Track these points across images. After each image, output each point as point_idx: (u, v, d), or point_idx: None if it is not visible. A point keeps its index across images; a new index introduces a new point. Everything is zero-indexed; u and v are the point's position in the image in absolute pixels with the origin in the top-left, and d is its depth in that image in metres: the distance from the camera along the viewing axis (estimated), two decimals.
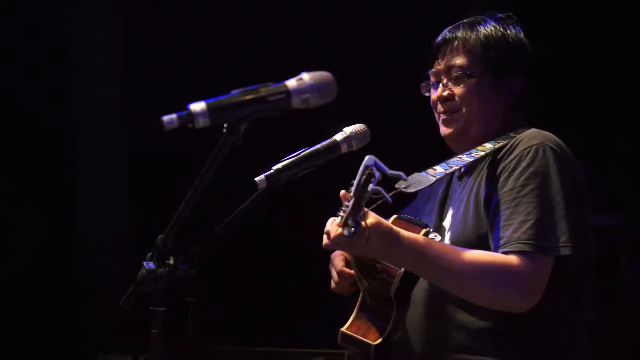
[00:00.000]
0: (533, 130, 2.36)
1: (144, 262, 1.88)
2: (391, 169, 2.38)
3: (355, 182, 2.00)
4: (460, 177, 2.48)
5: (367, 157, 2.01)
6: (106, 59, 5.35)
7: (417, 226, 2.42)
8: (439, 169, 2.36)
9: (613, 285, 5.17)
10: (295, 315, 4.96)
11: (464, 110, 2.43)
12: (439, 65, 2.47)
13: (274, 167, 2.10)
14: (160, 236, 1.89)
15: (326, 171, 2.30)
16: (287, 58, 4.27)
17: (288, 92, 1.86)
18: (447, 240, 2.41)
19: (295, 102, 1.87)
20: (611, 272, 5.15)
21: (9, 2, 5.03)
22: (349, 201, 2.03)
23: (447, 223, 2.45)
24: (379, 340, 2.31)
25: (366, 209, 2.12)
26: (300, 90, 1.87)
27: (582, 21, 5.06)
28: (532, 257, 2.19)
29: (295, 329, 4.93)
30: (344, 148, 2.21)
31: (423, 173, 2.33)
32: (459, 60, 2.43)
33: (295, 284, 4.93)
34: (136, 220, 5.29)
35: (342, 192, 2.10)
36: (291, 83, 1.87)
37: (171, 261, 1.89)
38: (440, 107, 2.48)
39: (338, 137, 2.22)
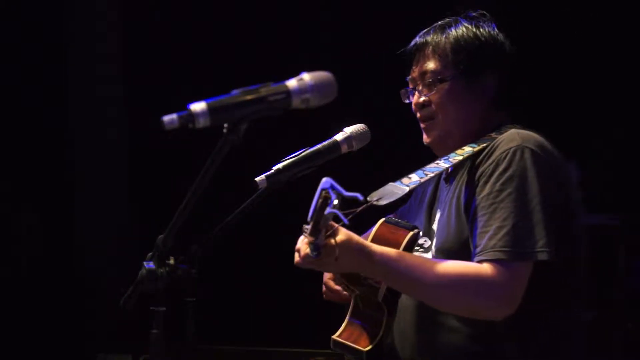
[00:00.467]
0: (512, 131, 2.32)
1: (144, 262, 1.88)
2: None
3: (312, 206, 2.01)
4: (446, 179, 2.46)
5: (323, 180, 2.02)
6: (106, 59, 5.35)
7: (404, 229, 2.42)
8: (414, 178, 2.31)
9: (611, 285, 5.17)
10: (295, 316, 4.96)
11: (440, 116, 2.40)
12: (414, 72, 2.45)
13: (275, 167, 2.10)
14: (160, 236, 1.89)
15: (326, 171, 2.31)
16: (287, 58, 4.27)
17: (288, 92, 1.86)
18: (434, 245, 2.39)
19: (296, 102, 1.87)
20: (609, 272, 5.16)
21: (9, 2, 5.03)
22: (308, 224, 2.04)
23: (435, 226, 2.43)
24: (370, 347, 2.31)
25: (336, 225, 2.12)
26: (300, 90, 1.87)
27: (578, 21, 5.06)
28: (507, 264, 2.16)
29: (295, 329, 4.94)
30: (344, 148, 2.21)
31: (397, 183, 2.28)
32: (431, 66, 2.40)
33: (294, 284, 4.93)
34: (136, 220, 5.29)
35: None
36: (291, 83, 1.87)
37: (171, 261, 1.89)
38: (418, 115, 2.46)
39: (338, 137, 2.22)
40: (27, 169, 5.12)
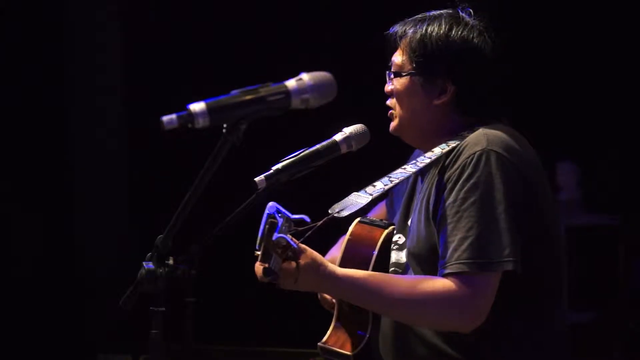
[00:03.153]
0: (479, 132, 2.24)
1: (144, 263, 1.88)
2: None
3: (259, 233, 2.03)
4: (422, 174, 2.39)
5: (268, 205, 2.02)
6: (106, 59, 5.36)
7: (379, 228, 2.41)
8: (379, 185, 2.25)
9: (612, 285, 5.17)
10: (295, 316, 4.96)
11: (397, 108, 2.37)
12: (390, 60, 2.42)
13: (274, 168, 2.09)
14: (159, 236, 1.89)
15: (326, 171, 2.31)
16: (287, 58, 4.27)
17: (288, 93, 1.86)
18: (405, 248, 2.36)
19: (295, 103, 1.87)
20: (610, 271, 5.16)
21: (9, 3, 5.03)
22: (259, 251, 2.05)
23: (410, 223, 2.39)
24: (356, 350, 2.31)
25: (299, 244, 2.10)
26: (299, 91, 1.87)
27: (579, 22, 5.07)
28: (472, 277, 2.13)
29: (295, 329, 4.93)
30: (344, 148, 2.20)
31: (361, 192, 2.23)
32: (396, 59, 2.37)
33: None
34: (136, 221, 5.29)
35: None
36: (291, 83, 1.87)
37: (171, 261, 1.89)
38: (387, 102, 2.44)
39: (337, 137, 2.20)
40: (27, 169, 5.12)
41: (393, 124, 2.40)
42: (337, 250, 2.49)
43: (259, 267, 2.14)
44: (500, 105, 2.37)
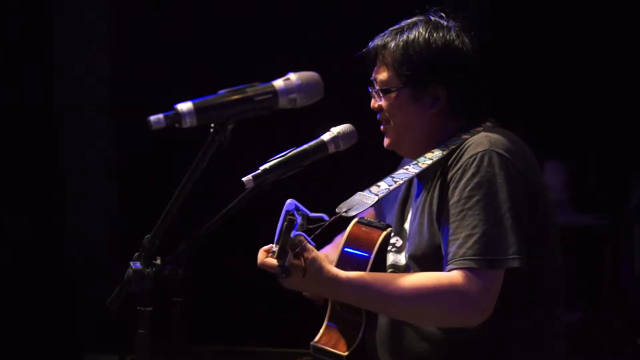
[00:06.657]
0: (482, 134, 2.26)
1: (131, 262, 1.88)
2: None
3: (278, 229, 2.03)
4: (420, 177, 2.38)
5: (287, 202, 2.03)
6: (95, 58, 5.34)
7: (377, 229, 2.41)
8: (383, 186, 2.27)
9: (598, 285, 5.19)
10: (282, 315, 4.96)
11: (391, 122, 2.37)
12: (373, 75, 2.40)
13: (262, 167, 2.09)
14: (147, 236, 1.89)
15: (314, 171, 2.31)
16: (277, 58, 4.27)
17: (275, 92, 1.86)
18: (406, 251, 2.36)
19: (283, 102, 1.87)
20: (596, 272, 5.18)
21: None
22: (275, 246, 2.06)
23: (407, 226, 2.40)
24: (349, 351, 2.31)
25: (306, 244, 2.11)
26: (287, 90, 1.87)
27: (573, 20, 5.08)
28: (478, 273, 2.14)
29: (282, 329, 4.93)
30: (332, 148, 2.20)
31: (366, 192, 2.25)
32: (380, 74, 2.36)
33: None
34: (124, 220, 5.28)
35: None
36: (278, 83, 1.87)
37: (158, 261, 1.89)
38: (378, 117, 2.42)
39: (325, 137, 2.20)
40: (17, 169, 5.10)
41: (388, 140, 2.41)
42: (332, 250, 2.49)
43: (269, 262, 2.14)
44: (489, 104, 2.38)
